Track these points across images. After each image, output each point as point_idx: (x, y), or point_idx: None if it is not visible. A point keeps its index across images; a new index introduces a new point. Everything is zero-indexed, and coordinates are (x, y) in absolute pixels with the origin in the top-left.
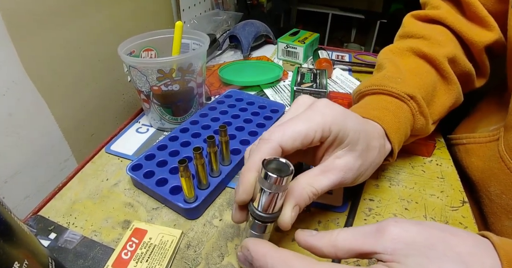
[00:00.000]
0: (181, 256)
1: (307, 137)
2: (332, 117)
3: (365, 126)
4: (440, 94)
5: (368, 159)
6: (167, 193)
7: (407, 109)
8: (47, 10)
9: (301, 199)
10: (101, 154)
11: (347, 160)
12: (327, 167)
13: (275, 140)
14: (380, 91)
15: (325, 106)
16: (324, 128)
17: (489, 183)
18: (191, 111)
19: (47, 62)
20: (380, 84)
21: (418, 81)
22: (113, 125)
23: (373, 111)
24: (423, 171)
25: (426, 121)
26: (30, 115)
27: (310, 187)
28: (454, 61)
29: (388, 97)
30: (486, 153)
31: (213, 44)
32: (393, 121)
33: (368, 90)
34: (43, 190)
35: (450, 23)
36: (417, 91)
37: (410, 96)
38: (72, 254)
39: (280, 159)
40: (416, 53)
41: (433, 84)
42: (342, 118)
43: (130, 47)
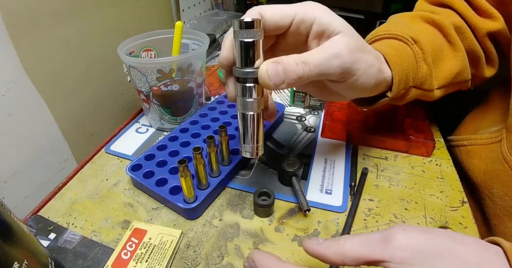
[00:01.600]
0: (180, 256)
1: (286, 14)
2: (315, 7)
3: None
4: (447, 58)
5: (365, 54)
6: (167, 193)
7: (410, 52)
8: (47, 10)
9: (284, 59)
10: (100, 154)
11: (343, 40)
12: (322, 45)
13: (256, 9)
14: (384, 36)
15: (311, 1)
16: (306, 12)
17: (492, 184)
18: (191, 111)
19: (46, 62)
20: (384, 30)
21: (425, 38)
22: (113, 125)
23: (375, 46)
24: (423, 171)
25: (430, 71)
26: (29, 115)
27: (298, 55)
28: (461, 32)
29: (393, 40)
30: (488, 155)
31: (213, 44)
32: (395, 54)
33: (372, 37)
34: (43, 190)
35: (457, 7)
36: (423, 40)
37: (414, 40)
38: (71, 254)
39: (252, 18)
40: (425, 19)
41: (440, 46)
42: (327, 11)
43: (130, 47)
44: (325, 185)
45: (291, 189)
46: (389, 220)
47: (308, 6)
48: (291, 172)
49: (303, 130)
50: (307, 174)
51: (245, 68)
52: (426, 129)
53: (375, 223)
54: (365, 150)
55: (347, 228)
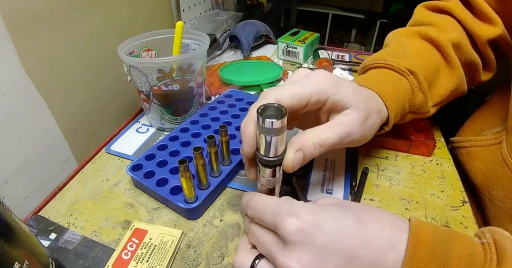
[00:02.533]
0: (181, 256)
1: (302, 97)
2: (327, 83)
3: (361, 90)
4: (443, 77)
5: (370, 119)
6: (168, 193)
7: (406, 84)
8: (47, 10)
9: (305, 145)
10: (101, 154)
11: (353, 117)
12: (334, 123)
13: (273, 96)
14: (381, 65)
15: (320, 74)
16: (320, 91)
17: (492, 186)
18: (191, 111)
19: (47, 62)
20: (382, 58)
21: (422, 60)
22: (113, 125)
23: (372, 82)
24: (424, 171)
25: (425, 98)
26: (30, 115)
27: (316, 136)
28: (459, 48)
29: (389, 70)
30: (489, 157)
31: (213, 44)
32: (391, 91)
33: (371, 64)
34: (43, 190)
35: (457, 15)
36: (419, 68)
37: (410, 71)
38: (72, 254)
39: (273, 104)
40: (423, 36)
41: (436, 66)
42: (337, 85)
43: (130, 47)
44: (325, 185)
45: (291, 190)
46: None
47: (321, 84)
48: (291, 173)
49: None
50: (307, 174)
51: (271, 158)
52: (426, 128)
53: None
54: (365, 149)
55: None
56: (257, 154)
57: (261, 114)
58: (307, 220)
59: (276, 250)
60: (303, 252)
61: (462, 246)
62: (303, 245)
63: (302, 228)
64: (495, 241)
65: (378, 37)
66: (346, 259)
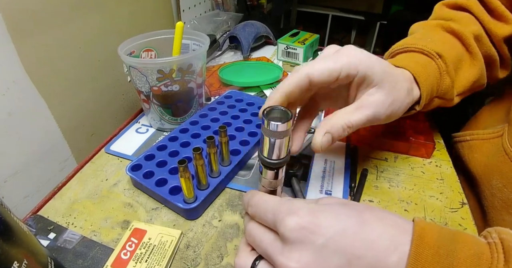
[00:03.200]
0: (180, 256)
1: (333, 72)
2: (357, 59)
3: (392, 70)
4: (465, 68)
5: (398, 98)
6: (167, 194)
7: (435, 66)
8: (47, 10)
9: (334, 128)
10: (100, 154)
11: (379, 97)
12: (361, 103)
13: (304, 71)
14: (411, 49)
15: (351, 50)
16: (350, 66)
17: (491, 176)
18: (191, 112)
19: (47, 62)
20: (410, 43)
21: (448, 50)
22: (113, 125)
23: (404, 62)
24: (423, 172)
25: (452, 83)
26: (30, 115)
27: (344, 118)
28: (479, 40)
29: (419, 54)
30: (490, 149)
31: (213, 45)
32: (422, 71)
33: (399, 49)
34: (43, 190)
35: (475, 12)
36: (446, 54)
37: (439, 55)
38: (71, 254)
39: (279, 107)
40: (445, 29)
41: (459, 56)
42: (368, 60)
43: (130, 48)
44: (325, 186)
45: (291, 190)
46: None
47: (351, 59)
48: (291, 173)
49: None
50: (307, 175)
51: (274, 160)
52: (426, 130)
53: None
54: (365, 151)
55: None
56: (260, 156)
57: (266, 117)
58: (308, 219)
59: (275, 249)
60: (303, 251)
61: (467, 246)
62: (303, 245)
63: (302, 226)
64: (501, 240)
65: (378, 39)
66: (347, 260)
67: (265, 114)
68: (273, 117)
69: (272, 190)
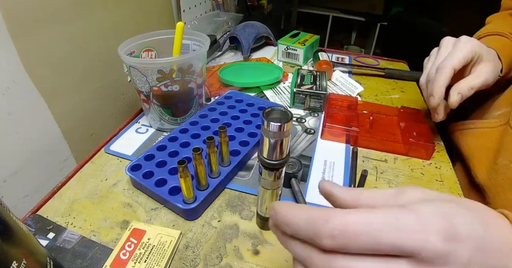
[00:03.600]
0: (179, 256)
1: (467, 59)
2: (474, 45)
3: (489, 49)
4: None
5: (497, 67)
6: (166, 194)
7: (510, 43)
8: (47, 10)
9: (463, 89)
10: (100, 154)
11: (488, 68)
12: (478, 73)
13: (449, 66)
14: (490, 33)
15: (467, 40)
16: (472, 51)
17: (498, 155)
18: (191, 112)
19: (47, 62)
20: (490, 29)
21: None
22: (113, 125)
23: (489, 43)
24: (422, 174)
25: None
26: (29, 115)
27: (469, 83)
28: None
29: (497, 36)
30: (496, 134)
31: (213, 45)
32: (502, 48)
33: (482, 34)
34: (42, 189)
35: None
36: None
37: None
38: (70, 254)
39: (279, 108)
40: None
41: None
42: (478, 44)
43: (130, 48)
44: None
45: (290, 191)
46: None
47: (475, 48)
48: (291, 174)
49: (303, 132)
50: (306, 176)
51: (274, 161)
52: (426, 132)
53: None
54: (364, 152)
55: None
56: (260, 157)
57: (266, 117)
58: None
59: None
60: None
61: None
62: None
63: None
64: None
65: (378, 40)
66: None
67: (265, 115)
68: (273, 118)
69: (272, 191)
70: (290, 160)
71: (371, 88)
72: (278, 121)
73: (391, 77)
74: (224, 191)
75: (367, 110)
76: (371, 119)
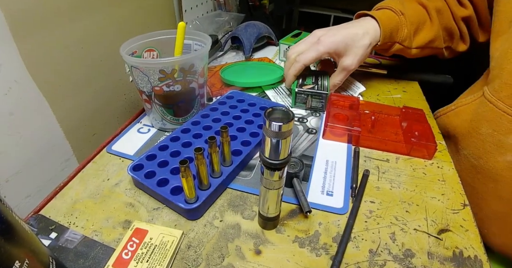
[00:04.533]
0: (181, 256)
1: (317, 58)
2: (328, 46)
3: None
4: (425, 30)
5: (359, 52)
6: (168, 194)
7: (397, 19)
8: (49, 10)
9: (333, 86)
10: (102, 154)
11: (347, 61)
12: (340, 67)
13: (301, 62)
14: (383, 7)
15: (325, 39)
16: (325, 52)
17: (480, 125)
18: (193, 112)
19: (49, 62)
20: (385, 3)
21: (413, 13)
22: (115, 125)
23: (377, 14)
24: (424, 173)
25: (409, 34)
26: (31, 115)
27: (335, 80)
28: (441, 13)
29: (388, 10)
30: (474, 108)
31: (215, 45)
32: (386, 20)
33: (377, 7)
34: (44, 189)
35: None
36: (409, 15)
37: (401, 12)
38: (72, 253)
39: (281, 108)
40: (418, 2)
41: (423, 21)
42: (334, 44)
43: (132, 48)
44: (326, 187)
45: (292, 191)
46: (390, 222)
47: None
48: (292, 174)
49: (305, 132)
50: (308, 176)
51: (275, 160)
52: (427, 131)
53: (376, 225)
54: (366, 152)
55: (348, 229)
56: (262, 157)
57: (267, 117)
58: None
59: None
60: None
61: None
62: None
63: None
64: None
65: None
66: None
67: (267, 114)
68: (275, 118)
69: (274, 191)
70: (292, 160)
71: (373, 87)
72: (279, 121)
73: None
74: (226, 191)
75: (369, 109)
76: (373, 119)
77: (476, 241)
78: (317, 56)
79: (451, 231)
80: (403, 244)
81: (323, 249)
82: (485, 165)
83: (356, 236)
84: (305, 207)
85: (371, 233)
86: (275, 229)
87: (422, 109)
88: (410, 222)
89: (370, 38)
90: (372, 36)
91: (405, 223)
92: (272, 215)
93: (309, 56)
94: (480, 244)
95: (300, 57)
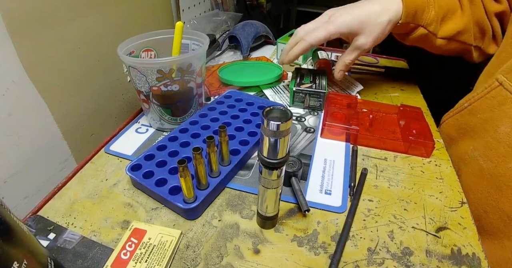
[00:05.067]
0: (180, 256)
1: (326, 39)
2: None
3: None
4: (455, 19)
5: (376, 30)
6: (167, 194)
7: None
8: (47, 10)
9: (343, 66)
10: (100, 154)
11: (361, 40)
12: (352, 47)
13: (308, 41)
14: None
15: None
16: (335, 32)
17: (499, 123)
18: (191, 112)
19: (47, 62)
20: None
21: (445, 0)
22: (113, 125)
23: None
24: (422, 171)
25: (436, 17)
26: (29, 115)
27: (346, 59)
28: (474, 4)
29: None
30: (492, 102)
31: (212, 45)
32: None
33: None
34: (43, 190)
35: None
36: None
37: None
38: (71, 254)
39: (279, 107)
40: None
41: (454, 9)
42: (347, 25)
43: (129, 47)
44: (324, 186)
45: (290, 190)
46: (388, 220)
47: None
48: (291, 173)
49: (303, 131)
50: (306, 175)
51: (274, 160)
52: (425, 129)
53: (374, 224)
54: (364, 150)
55: (347, 228)
56: (260, 156)
57: (265, 116)
58: None
59: None
60: None
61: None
62: None
63: None
64: None
65: None
66: None
67: (265, 114)
68: (273, 117)
69: (272, 190)
70: (290, 159)
71: (371, 86)
72: (277, 120)
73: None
74: (225, 191)
75: (367, 108)
76: (371, 117)
77: (474, 239)
78: (327, 36)
79: (449, 229)
80: (402, 242)
81: (322, 248)
82: (494, 169)
83: (355, 234)
84: (304, 206)
85: (370, 231)
86: (274, 228)
87: (419, 108)
88: (408, 220)
89: (389, 15)
90: (393, 12)
91: (403, 221)
92: (270, 214)
93: (317, 36)
94: (478, 241)
95: (308, 35)
